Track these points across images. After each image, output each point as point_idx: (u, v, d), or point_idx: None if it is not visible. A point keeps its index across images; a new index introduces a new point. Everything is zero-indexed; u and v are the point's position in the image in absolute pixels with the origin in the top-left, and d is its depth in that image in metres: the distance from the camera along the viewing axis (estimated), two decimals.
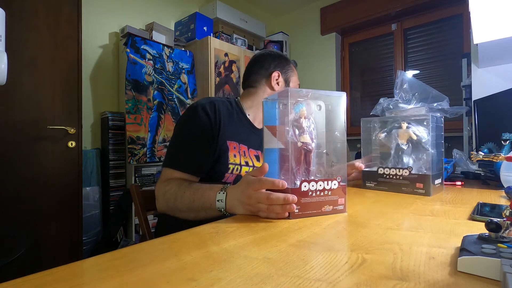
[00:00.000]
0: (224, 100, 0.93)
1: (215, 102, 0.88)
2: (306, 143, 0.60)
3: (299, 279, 0.31)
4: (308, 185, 0.57)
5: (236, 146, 0.88)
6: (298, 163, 0.60)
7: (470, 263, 0.31)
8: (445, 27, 2.65)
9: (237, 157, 0.87)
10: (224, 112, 0.88)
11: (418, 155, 0.86)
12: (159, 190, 0.78)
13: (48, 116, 1.62)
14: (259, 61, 1.03)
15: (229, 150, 0.85)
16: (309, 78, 3.33)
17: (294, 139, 0.59)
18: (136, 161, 2.09)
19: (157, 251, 0.41)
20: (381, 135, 0.93)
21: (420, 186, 0.80)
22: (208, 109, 0.84)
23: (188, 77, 2.46)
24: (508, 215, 0.39)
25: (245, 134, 0.92)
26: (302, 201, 0.57)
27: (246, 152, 0.90)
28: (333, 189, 0.59)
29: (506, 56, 1.43)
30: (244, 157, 0.89)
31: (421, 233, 0.46)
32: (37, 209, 1.57)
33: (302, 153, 0.60)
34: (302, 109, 0.60)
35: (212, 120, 0.84)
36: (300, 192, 0.57)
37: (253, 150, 0.93)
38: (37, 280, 0.31)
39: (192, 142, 0.83)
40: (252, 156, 0.92)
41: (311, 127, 0.61)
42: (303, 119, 0.60)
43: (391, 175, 0.86)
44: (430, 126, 0.82)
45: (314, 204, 0.58)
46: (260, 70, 1.01)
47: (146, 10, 2.48)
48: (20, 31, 1.53)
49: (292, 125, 0.60)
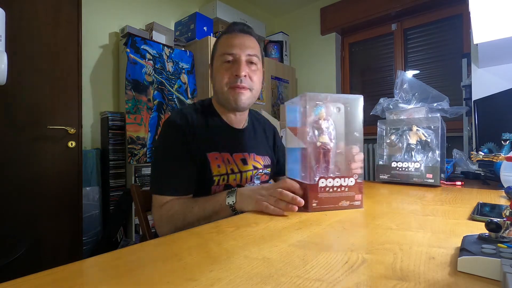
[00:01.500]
0: (197, 107, 0.89)
1: (186, 114, 0.83)
2: (325, 143, 0.65)
3: (299, 279, 0.31)
4: (325, 182, 0.62)
5: (218, 156, 0.83)
6: (318, 162, 0.65)
7: (470, 263, 0.31)
8: (445, 27, 2.65)
9: (222, 167, 0.83)
10: (198, 123, 0.84)
11: (425, 154, 0.98)
12: (160, 217, 0.76)
13: (48, 116, 1.62)
14: None
15: (210, 163, 0.81)
16: (309, 78, 3.33)
17: (313, 139, 0.64)
18: (136, 161, 2.09)
19: (157, 251, 0.41)
20: (392, 137, 1.04)
21: (429, 176, 0.92)
22: (179, 124, 0.81)
23: (188, 77, 2.46)
24: (508, 215, 0.39)
25: (225, 140, 0.87)
26: (320, 196, 0.62)
27: (230, 159, 0.85)
28: (350, 185, 0.63)
29: (506, 56, 1.43)
30: (229, 164, 0.85)
31: (421, 233, 0.46)
32: (37, 209, 1.57)
33: (321, 152, 0.65)
34: (321, 111, 0.65)
35: (186, 135, 0.80)
36: (318, 187, 0.62)
37: (238, 153, 0.88)
38: (37, 280, 0.31)
39: (173, 162, 0.79)
40: (238, 160, 0.87)
41: (330, 128, 0.66)
42: (322, 120, 0.65)
43: (403, 167, 0.98)
44: (440, 128, 0.95)
45: (331, 199, 0.62)
46: None
47: (146, 10, 2.48)
48: (20, 31, 1.53)
49: (312, 126, 0.65)
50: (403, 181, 0.98)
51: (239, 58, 0.83)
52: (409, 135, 1.00)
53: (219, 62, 0.85)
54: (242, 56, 0.83)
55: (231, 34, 0.86)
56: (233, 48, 0.83)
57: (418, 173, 0.95)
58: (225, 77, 0.83)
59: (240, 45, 0.83)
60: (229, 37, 0.85)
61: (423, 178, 0.93)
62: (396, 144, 1.03)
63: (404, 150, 1.01)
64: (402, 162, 0.99)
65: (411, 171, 0.96)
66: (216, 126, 0.88)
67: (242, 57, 0.83)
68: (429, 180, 0.92)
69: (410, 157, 0.99)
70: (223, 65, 0.84)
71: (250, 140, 0.93)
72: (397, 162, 1.00)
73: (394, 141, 1.04)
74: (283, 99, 3.08)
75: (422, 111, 1.04)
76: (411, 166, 0.96)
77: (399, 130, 1.04)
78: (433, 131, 0.97)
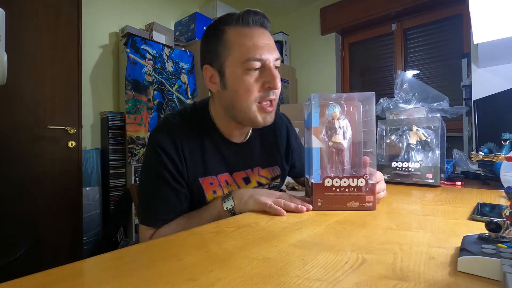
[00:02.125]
0: (189, 120, 0.73)
1: (175, 137, 0.68)
2: (338, 142, 0.63)
3: (299, 279, 0.31)
4: (331, 181, 0.61)
5: (214, 180, 0.73)
6: (330, 161, 0.64)
7: (470, 263, 0.31)
8: (445, 27, 2.64)
9: (218, 191, 0.73)
10: (189, 144, 0.70)
11: (425, 154, 0.98)
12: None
13: (48, 116, 1.62)
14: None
15: (204, 190, 0.71)
16: (309, 78, 3.33)
17: (325, 139, 0.64)
18: (136, 161, 2.09)
19: (157, 251, 0.41)
20: (392, 137, 1.04)
21: (429, 176, 0.92)
22: (168, 149, 0.67)
23: (188, 77, 2.46)
24: (508, 215, 0.39)
25: (223, 159, 0.75)
26: (325, 195, 0.61)
27: (229, 180, 0.75)
28: (360, 186, 0.61)
29: (506, 56, 1.43)
30: (228, 186, 0.74)
31: (421, 233, 0.46)
32: (37, 209, 1.57)
33: (333, 152, 0.64)
34: (335, 110, 0.64)
35: (176, 161, 0.68)
36: (323, 187, 0.61)
37: (240, 172, 0.77)
38: (37, 280, 0.31)
39: (165, 188, 0.68)
40: (239, 180, 0.77)
41: (344, 127, 0.64)
42: (336, 120, 0.64)
43: (403, 167, 0.98)
44: (440, 128, 0.95)
45: (338, 199, 0.61)
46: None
47: (146, 10, 2.48)
48: (20, 31, 1.53)
49: (325, 126, 0.64)
50: (403, 181, 0.98)
51: (269, 64, 0.65)
52: (409, 135, 1.00)
53: (242, 69, 0.65)
54: (271, 62, 0.66)
55: (250, 28, 0.66)
56: (261, 51, 0.64)
57: (418, 173, 0.95)
58: (254, 90, 0.65)
59: (267, 46, 0.66)
60: (250, 33, 0.65)
61: (423, 178, 0.94)
62: (396, 144, 1.03)
63: (404, 150, 1.01)
64: (402, 162, 0.99)
65: (411, 171, 0.96)
66: (211, 144, 0.73)
67: (271, 63, 0.66)
68: (429, 180, 0.92)
69: (410, 157, 1.00)
70: (251, 74, 0.65)
71: (254, 153, 0.81)
72: (397, 162, 1.00)
73: (394, 141, 1.04)
74: (283, 99, 3.07)
75: (422, 111, 1.04)
76: (411, 166, 0.97)
77: (399, 130, 1.04)
78: (433, 131, 0.97)
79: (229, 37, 0.66)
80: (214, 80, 0.70)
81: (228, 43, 0.66)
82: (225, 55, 0.66)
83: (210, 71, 0.70)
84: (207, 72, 0.71)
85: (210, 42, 0.69)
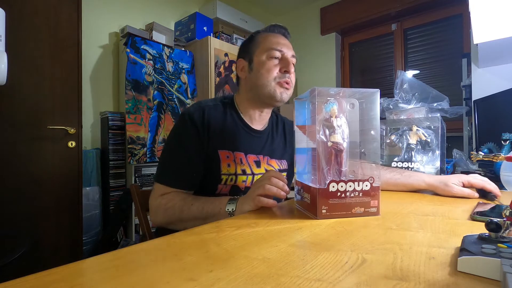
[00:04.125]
0: (217, 103, 0.87)
1: (204, 108, 0.82)
2: (337, 142, 0.58)
3: (299, 279, 0.31)
4: (336, 186, 0.56)
5: (230, 155, 0.82)
6: (329, 163, 0.58)
7: (470, 263, 0.31)
8: (445, 27, 2.65)
9: (232, 166, 0.82)
10: (215, 118, 0.83)
11: (425, 154, 0.98)
12: (158, 206, 0.76)
13: (48, 116, 1.62)
14: None
15: (221, 161, 0.81)
16: (309, 78, 3.33)
17: (324, 139, 0.58)
18: (136, 161, 2.09)
19: (157, 251, 0.41)
20: (392, 137, 1.05)
21: None
22: (195, 117, 0.80)
23: (188, 77, 2.46)
24: (508, 215, 0.39)
25: (241, 139, 0.86)
26: (330, 202, 0.56)
27: (243, 159, 0.84)
28: (365, 190, 0.57)
29: (506, 56, 1.43)
30: (241, 165, 0.84)
31: (421, 233, 0.46)
32: (37, 209, 1.57)
33: (332, 153, 0.59)
34: (333, 107, 0.59)
35: (200, 129, 0.79)
36: (328, 192, 0.56)
37: (252, 155, 0.87)
38: (37, 280, 0.31)
39: (182, 155, 0.79)
40: (251, 162, 0.86)
41: (343, 126, 0.59)
42: (334, 118, 0.59)
43: (403, 167, 0.98)
44: (440, 128, 0.96)
45: (343, 205, 0.56)
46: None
47: (146, 10, 2.48)
48: (20, 31, 1.53)
49: (322, 125, 0.58)
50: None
51: (286, 56, 0.85)
52: (409, 135, 1.00)
53: (265, 56, 0.84)
54: (289, 56, 0.85)
55: (275, 34, 0.89)
56: (282, 46, 0.85)
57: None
58: (274, 71, 0.83)
59: (287, 45, 0.87)
60: (274, 36, 0.88)
61: None
62: (396, 144, 1.03)
63: (404, 150, 1.01)
64: (402, 162, 0.99)
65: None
66: (234, 124, 0.86)
67: (289, 56, 0.85)
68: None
69: (410, 157, 1.00)
70: (272, 61, 0.84)
71: (267, 142, 0.93)
72: (397, 162, 1.00)
73: (394, 141, 1.04)
74: None
75: (422, 111, 1.04)
76: (411, 166, 0.96)
77: (399, 130, 1.04)
78: (433, 131, 0.97)
79: (259, 38, 0.89)
80: (244, 69, 0.90)
81: (258, 41, 0.88)
82: (254, 49, 0.87)
83: (242, 62, 0.91)
84: (239, 63, 0.91)
85: (245, 45, 0.92)
